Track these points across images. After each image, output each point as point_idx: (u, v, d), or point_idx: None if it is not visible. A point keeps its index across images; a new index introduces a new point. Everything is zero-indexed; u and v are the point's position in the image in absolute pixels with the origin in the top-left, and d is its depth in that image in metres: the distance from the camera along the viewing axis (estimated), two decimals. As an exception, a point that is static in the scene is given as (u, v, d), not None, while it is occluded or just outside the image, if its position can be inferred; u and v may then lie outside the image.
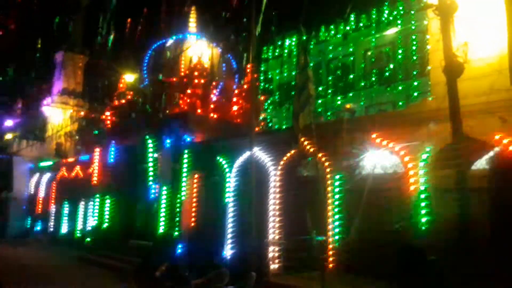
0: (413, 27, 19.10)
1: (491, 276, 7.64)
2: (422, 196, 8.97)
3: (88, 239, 18.98)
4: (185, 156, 14.92)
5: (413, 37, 19.17)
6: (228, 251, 12.82)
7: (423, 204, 8.93)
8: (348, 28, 21.79)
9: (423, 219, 8.81)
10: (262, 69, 25.47)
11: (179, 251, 13.95)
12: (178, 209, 14.71)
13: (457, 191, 7.12)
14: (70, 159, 23.38)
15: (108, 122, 19.34)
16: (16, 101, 28.44)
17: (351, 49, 21.67)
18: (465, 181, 7.14)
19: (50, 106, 27.46)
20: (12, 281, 11.72)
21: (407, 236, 8.87)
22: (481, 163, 8.46)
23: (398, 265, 6.20)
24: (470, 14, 8.40)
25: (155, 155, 16.33)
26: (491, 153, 8.28)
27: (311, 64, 13.83)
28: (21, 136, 26.30)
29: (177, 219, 14.65)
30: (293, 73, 18.07)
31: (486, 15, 8.53)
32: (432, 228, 8.66)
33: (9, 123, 27.10)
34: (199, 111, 16.58)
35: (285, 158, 11.94)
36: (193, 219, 14.53)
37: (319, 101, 21.28)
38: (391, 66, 20.04)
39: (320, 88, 22.06)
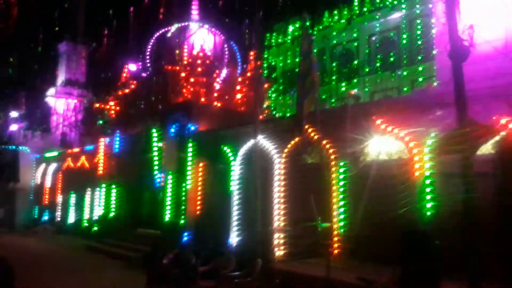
0: (418, 11, 18.85)
1: (496, 261, 7.66)
2: (427, 181, 8.94)
3: (95, 228, 19.18)
4: (190, 144, 14.95)
5: (418, 21, 18.92)
6: (233, 238, 12.91)
7: (428, 189, 8.91)
8: (352, 13, 21.51)
9: (428, 205, 8.80)
10: (265, 56, 25.29)
11: (185, 239, 14.07)
12: (183, 198, 14.81)
13: (462, 176, 7.10)
14: (76, 149, 23.50)
15: (112, 112, 19.36)
16: (20, 92, 28.54)
17: (355, 35, 21.44)
18: (470, 167, 7.11)
19: (54, 97, 27.55)
20: (21, 269, 11.88)
21: (412, 222, 8.87)
22: (486, 148, 8.40)
23: (402, 250, 6.21)
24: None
25: (160, 144, 16.38)
26: (496, 138, 8.21)
27: (315, 50, 13.72)
28: (26, 127, 26.46)
29: (183, 207, 14.76)
30: (297, 60, 17.94)
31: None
32: (437, 213, 8.65)
33: (13, 114, 27.24)
34: (202, 99, 16.56)
35: (289, 145, 11.91)
36: (198, 207, 14.63)
37: (323, 87, 21.14)
38: (396, 51, 19.83)
39: (324, 75, 21.91)
